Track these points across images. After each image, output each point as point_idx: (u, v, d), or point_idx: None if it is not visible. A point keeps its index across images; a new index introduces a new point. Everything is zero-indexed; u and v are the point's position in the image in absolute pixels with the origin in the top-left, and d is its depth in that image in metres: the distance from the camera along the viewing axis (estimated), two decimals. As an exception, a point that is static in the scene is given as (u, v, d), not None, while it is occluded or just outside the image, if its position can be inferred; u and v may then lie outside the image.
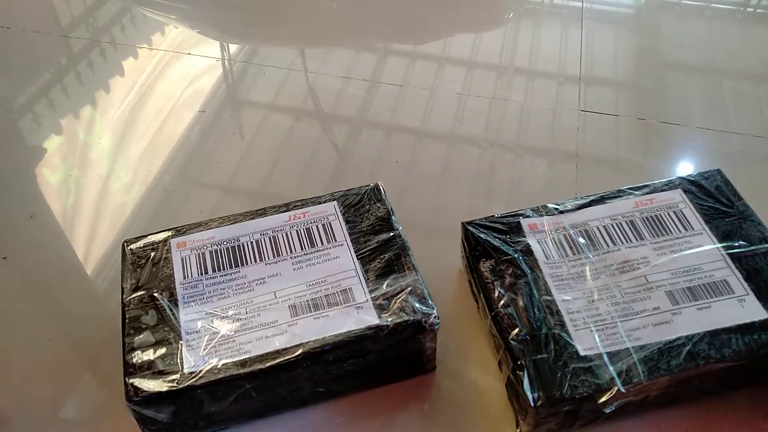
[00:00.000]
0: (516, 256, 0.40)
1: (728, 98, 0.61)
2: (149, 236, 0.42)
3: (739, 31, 0.70)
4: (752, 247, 0.39)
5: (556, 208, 0.42)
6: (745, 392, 0.38)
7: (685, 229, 0.40)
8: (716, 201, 0.41)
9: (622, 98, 0.61)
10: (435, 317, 0.36)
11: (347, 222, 0.42)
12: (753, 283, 0.37)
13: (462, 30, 0.71)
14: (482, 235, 0.41)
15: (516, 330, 0.36)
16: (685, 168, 0.55)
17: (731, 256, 0.38)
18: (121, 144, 0.58)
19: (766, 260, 0.38)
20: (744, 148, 0.56)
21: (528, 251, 0.40)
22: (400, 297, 0.37)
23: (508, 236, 0.41)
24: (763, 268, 0.38)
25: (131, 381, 0.34)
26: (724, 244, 0.39)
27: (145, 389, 0.34)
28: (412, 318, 0.36)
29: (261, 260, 0.40)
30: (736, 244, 0.39)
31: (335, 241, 0.41)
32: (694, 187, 0.42)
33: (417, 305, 0.37)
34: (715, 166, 0.55)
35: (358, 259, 0.40)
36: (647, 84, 0.63)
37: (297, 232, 0.41)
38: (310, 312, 0.37)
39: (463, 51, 0.67)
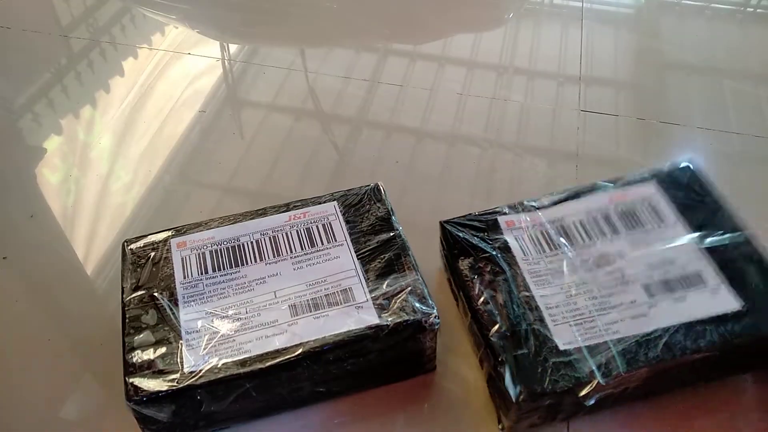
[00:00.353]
0: (494, 253, 0.40)
1: (728, 98, 0.61)
2: (149, 236, 0.42)
3: (739, 31, 0.70)
4: (725, 239, 0.39)
5: (532, 205, 0.42)
6: (720, 382, 0.39)
7: (660, 222, 0.40)
8: (689, 194, 0.42)
9: (622, 98, 0.61)
10: (435, 317, 0.36)
11: (347, 222, 0.42)
12: (726, 273, 0.38)
13: (462, 30, 0.71)
14: (460, 234, 0.41)
15: (496, 327, 0.36)
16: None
17: (705, 247, 0.39)
18: (121, 144, 0.58)
19: (739, 251, 0.38)
20: (744, 148, 0.56)
21: (506, 248, 0.40)
22: (400, 297, 0.37)
23: (485, 234, 0.41)
24: (736, 258, 0.38)
25: (131, 380, 0.34)
26: (698, 236, 0.39)
27: (145, 389, 0.34)
28: (412, 318, 0.36)
29: (261, 260, 0.40)
30: (709, 236, 0.39)
31: (335, 241, 0.41)
32: (667, 181, 0.43)
33: (417, 305, 0.37)
34: (715, 166, 0.55)
35: (358, 259, 0.40)
36: (647, 84, 0.63)
37: (297, 232, 0.41)
38: (310, 312, 0.37)
39: (463, 51, 0.67)
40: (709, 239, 0.39)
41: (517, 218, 0.42)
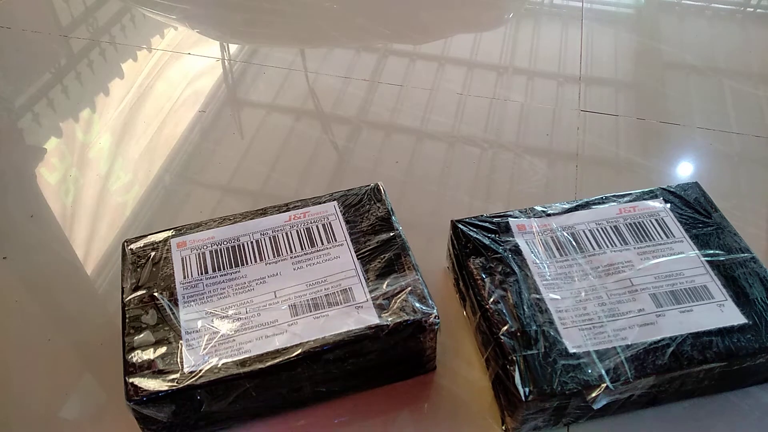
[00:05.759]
0: (505, 254, 0.40)
1: (728, 98, 0.61)
2: (149, 236, 0.42)
3: (739, 31, 0.70)
4: (730, 256, 0.40)
5: (543, 211, 0.43)
6: (724, 394, 0.39)
7: (667, 237, 0.41)
8: (695, 211, 0.43)
9: (622, 98, 0.61)
10: (435, 317, 0.36)
11: (347, 222, 0.42)
12: (731, 289, 0.38)
13: (462, 30, 0.71)
14: (472, 233, 0.42)
15: (506, 326, 0.37)
16: (685, 168, 0.55)
17: (710, 263, 0.40)
18: (121, 144, 0.58)
19: (743, 269, 0.39)
20: (744, 148, 0.56)
21: (517, 251, 0.41)
22: (400, 297, 0.37)
23: (497, 235, 0.42)
24: (740, 276, 0.39)
25: (131, 380, 0.34)
26: (703, 252, 0.40)
27: (145, 388, 0.34)
28: (412, 318, 0.36)
29: (261, 260, 0.40)
30: (715, 253, 0.40)
31: (335, 241, 0.41)
32: (674, 198, 0.44)
33: (417, 305, 0.37)
34: (715, 166, 0.55)
35: (358, 259, 0.40)
36: (647, 84, 0.63)
37: (297, 232, 0.41)
38: (310, 312, 0.37)
39: (463, 51, 0.67)
40: (714, 255, 0.40)
41: (528, 223, 0.42)
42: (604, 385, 0.34)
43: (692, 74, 0.64)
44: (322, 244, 0.41)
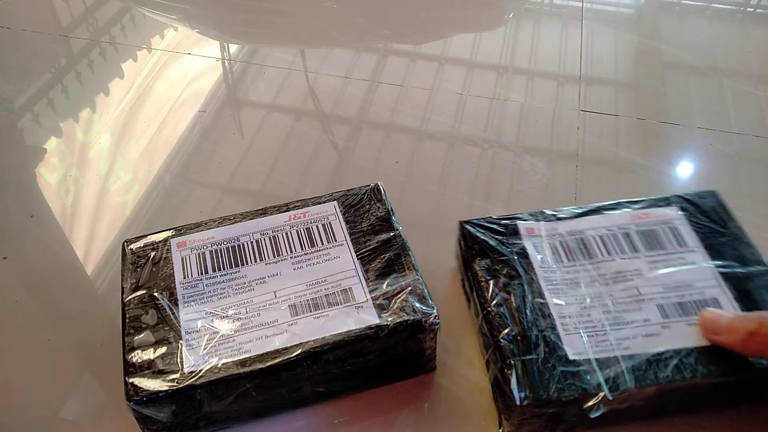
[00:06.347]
0: (511, 257, 0.40)
1: (728, 98, 0.61)
2: (149, 236, 0.42)
3: (739, 31, 0.70)
4: (744, 269, 0.39)
5: (553, 215, 0.43)
6: (727, 410, 0.38)
7: (680, 246, 0.40)
8: (711, 221, 0.42)
9: (622, 98, 0.61)
10: (435, 317, 0.36)
11: (347, 222, 0.42)
12: (742, 303, 0.37)
13: (462, 30, 0.71)
14: (479, 235, 0.41)
15: (507, 329, 0.36)
16: (685, 168, 0.55)
17: (723, 275, 0.39)
18: (121, 144, 0.58)
19: (756, 282, 0.38)
20: (744, 148, 0.56)
21: (524, 254, 0.40)
22: (400, 297, 0.37)
23: (504, 237, 0.41)
24: (753, 289, 0.38)
25: (131, 380, 0.34)
26: (717, 264, 0.39)
27: (145, 389, 0.34)
28: (412, 318, 0.36)
29: (261, 260, 0.40)
30: (729, 264, 0.39)
31: (335, 241, 0.41)
32: (690, 206, 0.43)
33: (417, 305, 0.37)
34: (715, 166, 0.55)
35: (358, 259, 0.40)
36: (647, 84, 0.63)
37: (297, 232, 0.41)
38: (310, 312, 0.37)
39: (463, 51, 0.67)
40: (727, 267, 0.39)
41: (537, 226, 0.42)
42: (602, 394, 0.34)
43: (692, 74, 0.64)
44: (322, 244, 0.41)
